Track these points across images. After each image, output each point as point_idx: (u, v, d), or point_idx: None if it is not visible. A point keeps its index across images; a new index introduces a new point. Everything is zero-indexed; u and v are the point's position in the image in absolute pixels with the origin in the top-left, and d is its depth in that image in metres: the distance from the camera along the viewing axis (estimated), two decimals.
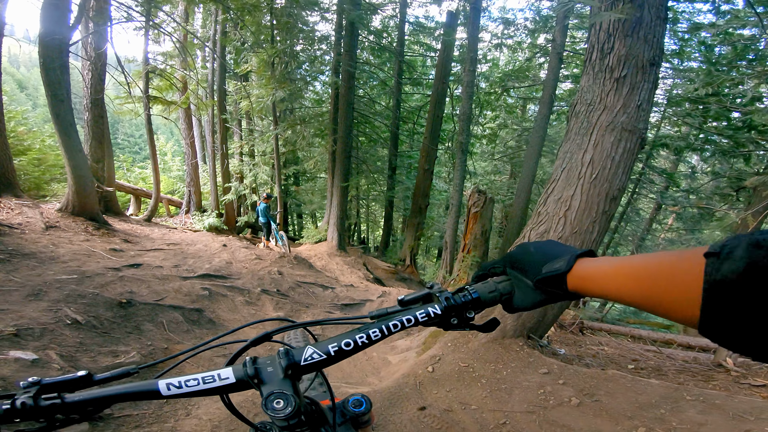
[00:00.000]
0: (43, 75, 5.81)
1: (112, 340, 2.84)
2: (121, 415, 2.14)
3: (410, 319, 0.62)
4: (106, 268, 4.49)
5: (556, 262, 0.56)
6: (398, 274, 12.32)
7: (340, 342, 0.60)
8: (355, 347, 0.60)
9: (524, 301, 0.61)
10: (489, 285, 0.65)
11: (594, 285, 0.50)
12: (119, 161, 16.06)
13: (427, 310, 0.62)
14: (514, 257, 0.64)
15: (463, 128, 9.20)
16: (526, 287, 0.60)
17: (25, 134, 8.88)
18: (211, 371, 0.58)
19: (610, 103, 2.51)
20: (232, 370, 0.59)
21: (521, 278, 0.62)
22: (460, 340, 3.11)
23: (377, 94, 15.31)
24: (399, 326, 0.62)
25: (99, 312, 3.06)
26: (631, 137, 2.51)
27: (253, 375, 0.58)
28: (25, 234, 5.05)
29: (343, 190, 10.88)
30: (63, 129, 6.01)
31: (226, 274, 5.59)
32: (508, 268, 0.65)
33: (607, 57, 2.50)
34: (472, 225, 7.77)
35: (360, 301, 6.65)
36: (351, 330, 0.63)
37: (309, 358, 0.60)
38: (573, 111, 2.72)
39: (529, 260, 0.61)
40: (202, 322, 3.69)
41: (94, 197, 6.74)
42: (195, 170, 12.83)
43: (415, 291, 0.70)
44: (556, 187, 2.71)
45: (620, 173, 2.52)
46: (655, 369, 4.18)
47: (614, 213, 2.75)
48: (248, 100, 11.47)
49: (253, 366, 0.59)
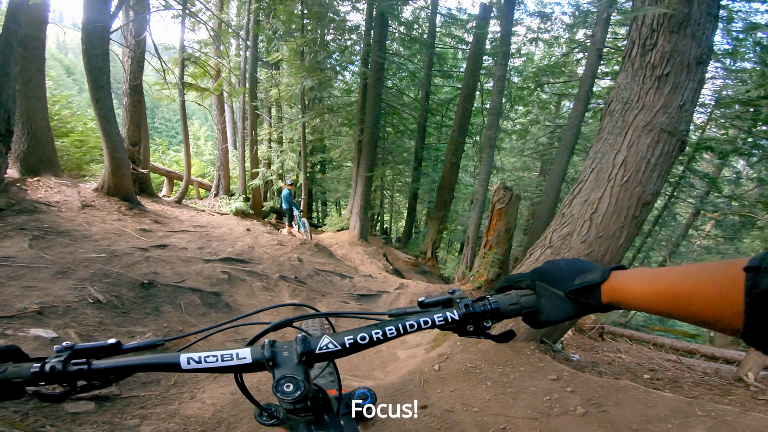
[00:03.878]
0: (85, 61, 5.99)
1: (130, 321, 2.90)
2: (128, 396, 2.17)
3: (427, 321, 0.62)
4: (135, 248, 4.62)
5: (589, 273, 0.57)
6: (419, 266, 12.22)
7: (356, 335, 0.61)
8: (370, 342, 0.61)
9: (555, 314, 0.60)
10: (511, 297, 0.64)
11: (630, 296, 0.50)
12: (155, 144, 16.61)
13: (446, 314, 0.63)
14: (544, 271, 0.64)
15: (492, 122, 8.89)
16: (557, 299, 0.60)
17: (69, 117, 9.26)
18: (230, 350, 0.60)
19: (649, 102, 2.29)
20: (251, 350, 0.60)
21: (552, 290, 0.61)
22: (471, 340, 3.00)
23: (406, 85, 15.09)
24: (415, 327, 0.62)
25: (122, 292, 3.14)
26: (670, 139, 2.29)
27: (269, 357, 0.59)
28: (62, 212, 5.28)
29: (367, 180, 10.84)
30: (102, 113, 6.21)
31: (247, 259, 5.66)
32: (537, 281, 0.64)
33: (648, 53, 2.29)
34: (495, 221, 7.53)
35: (376, 292, 6.61)
36: (368, 325, 0.64)
37: (324, 347, 0.61)
38: (607, 109, 2.51)
39: (559, 273, 0.61)
40: (219, 306, 3.74)
41: (128, 178, 6.97)
42: (225, 155, 13.08)
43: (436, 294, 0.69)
44: (583, 188, 2.52)
45: (655, 177, 2.31)
46: (672, 380, 3.95)
47: (645, 219, 2.55)
48: (278, 89, 11.54)
49: (270, 349, 0.60)
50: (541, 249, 2.77)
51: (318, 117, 12.60)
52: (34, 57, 6.18)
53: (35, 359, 0.55)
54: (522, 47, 12.99)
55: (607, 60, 10.73)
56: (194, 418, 2.11)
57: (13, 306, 2.47)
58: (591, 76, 8.46)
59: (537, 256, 2.80)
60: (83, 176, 8.52)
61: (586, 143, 11.80)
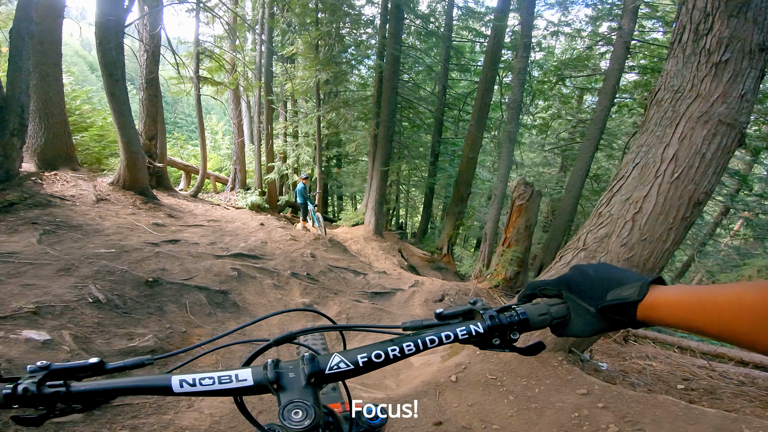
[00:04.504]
0: (99, 55, 5.95)
1: (131, 321, 2.75)
2: (120, 404, 2.00)
3: (449, 335, 0.57)
4: (145, 243, 4.51)
5: (624, 288, 0.52)
6: (434, 262, 12.00)
7: (371, 353, 0.56)
8: (386, 360, 0.56)
9: (583, 329, 0.56)
10: (540, 307, 0.60)
11: (668, 313, 0.47)
12: (174, 139, 16.75)
13: (469, 327, 0.58)
14: (572, 280, 0.59)
15: (512, 116, 8.55)
16: (586, 313, 0.56)
17: (89, 112, 9.33)
18: (228, 370, 0.54)
19: (705, 91, 1.98)
20: (251, 372, 0.55)
21: (581, 304, 0.56)
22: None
23: (423, 79, 14.78)
24: (436, 342, 0.57)
25: (125, 290, 3.00)
26: (729, 132, 1.97)
27: (273, 380, 0.53)
28: (76, 206, 5.22)
29: (382, 174, 10.63)
30: (117, 107, 6.19)
31: (259, 254, 5.51)
32: (564, 292, 0.59)
33: (703, 38, 1.98)
34: (515, 218, 7.21)
35: (391, 290, 6.39)
36: (384, 341, 0.58)
37: (335, 366, 0.55)
38: (654, 98, 2.20)
39: (589, 285, 0.56)
40: (226, 305, 3.57)
41: (144, 172, 6.91)
42: (241, 149, 13.05)
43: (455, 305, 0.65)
44: (624, 186, 2.22)
45: (710, 174, 1.99)
46: (708, 391, 3.61)
47: (695, 221, 2.23)
48: (292, 82, 11.43)
49: (274, 370, 0.54)
50: (573, 252, 2.48)
51: (333, 111, 12.46)
52: (50, 52, 6.15)
53: (7, 379, 0.50)
54: (542, 40, 12.61)
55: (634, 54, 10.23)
56: (189, 429, 1.93)
57: (9, 305, 2.34)
58: (618, 69, 8.07)
59: (568, 259, 2.51)
60: (102, 170, 8.55)
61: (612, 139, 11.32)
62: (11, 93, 4.70)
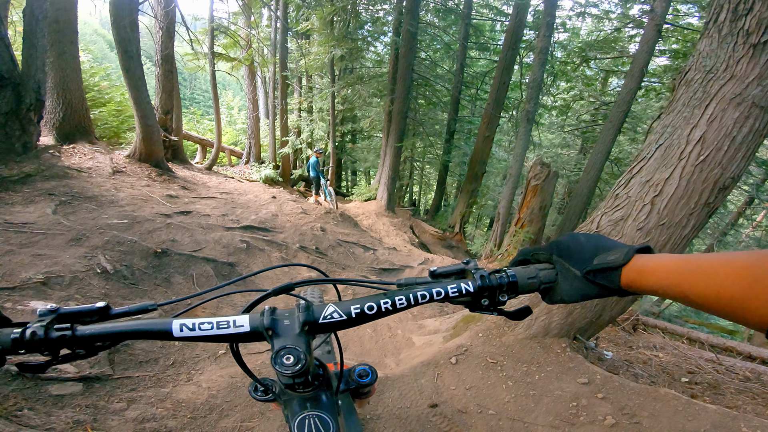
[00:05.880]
0: (114, 32, 5.93)
1: (137, 293, 2.76)
2: (120, 377, 2.01)
3: (440, 292, 0.56)
4: (158, 214, 4.53)
5: (610, 253, 0.51)
6: (445, 240, 11.90)
7: (363, 305, 0.55)
8: (378, 312, 0.56)
9: (570, 294, 0.55)
10: (530, 270, 0.58)
11: (654, 279, 0.45)
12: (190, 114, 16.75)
13: (459, 285, 0.56)
14: (562, 245, 0.57)
15: (531, 96, 8.22)
16: (574, 278, 0.54)
17: (107, 88, 9.36)
18: (226, 317, 0.54)
19: (741, 72, 1.78)
20: (249, 318, 0.54)
21: (569, 268, 0.55)
22: (494, 332, 2.65)
23: (440, 57, 14.29)
24: (427, 298, 0.56)
25: (133, 261, 3.00)
26: (762, 115, 1.77)
27: (269, 326, 0.54)
28: (92, 178, 5.25)
29: (396, 151, 10.44)
30: (132, 82, 6.20)
31: (269, 227, 5.50)
32: (554, 256, 0.57)
33: (742, 19, 1.77)
34: (530, 198, 6.99)
35: (399, 266, 6.34)
36: (376, 294, 0.58)
37: (329, 316, 0.55)
38: (684, 78, 1.99)
39: (578, 249, 0.55)
40: (232, 277, 3.57)
41: (159, 145, 6.91)
42: (256, 123, 12.96)
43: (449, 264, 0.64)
44: (645, 167, 2.03)
45: (739, 158, 1.79)
46: (712, 386, 3.48)
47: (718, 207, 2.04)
48: (306, 58, 11.20)
49: (270, 317, 0.55)
50: None
51: (348, 87, 12.20)
52: (66, 30, 6.11)
53: (17, 324, 0.49)
54: (567, 21, 11.96)
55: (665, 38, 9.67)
56: (186, 402, 1.93)
57: (18, 276, 2.35)
58: (647, 52, 7.61)
59: None
60: (120, 144, 8.60)
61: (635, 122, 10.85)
62: (27, 70, 4.78)
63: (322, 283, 0.65)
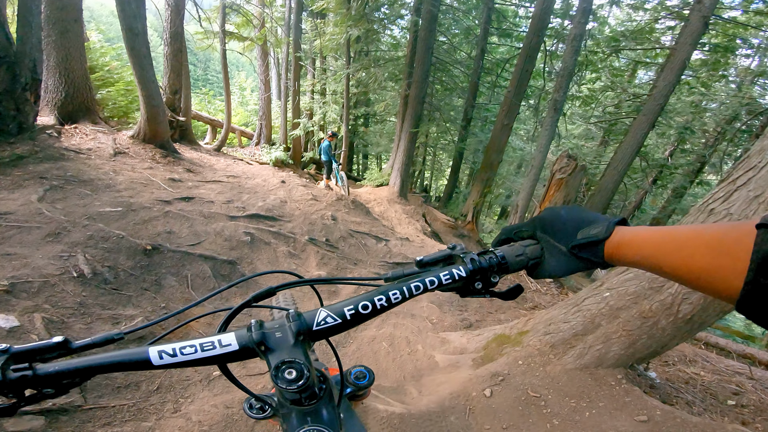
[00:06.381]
0: (118, 9, 5.53)
1: (120, 300, 2.36)
2: (93, 407, 1.62)
3: (433, 281, 0.53)
4: (156, 200, 4.14)
5: (592, 227, 0.50)
6: (457, 229, 11.43)
7: (357, 304, 0.50)
8: (374, 311, 0.51)
9: (557, 269, 0.53)
10: (516, 248, 0.56)
11: (631, 252, 0.44)
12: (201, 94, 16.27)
13: (452, 271, 0.53)
14: (545, 220, 0.56)
15: (561, 85, 7.56)
16: (559, 253, 0.53)
17: (118, 68, 8.95)
18: (209, 337, 0.47)
19: None
20: (235, 335, 0.48)
21: (554, 243, 0.54)
22: (536, 360, 2.21)
23: (459, 42, 13.46)
24: (421, 288, 0.52)
25: (118, 260, 2.60)
26: None
27: (259, 341, 0.47)
28: (91, 159, 4.87)
29: (411, 136, 9.87)
30: (137, 61, 5.80)
31: (276, 215, 5.08)
32: (538, 232, 0.56)
33: None
34: (553, 192, 6.42)
35: (413, 260, 5.91)
36: (369, 291, 0.53)
37: (322, 322, 0.49)
38: None
39: (560, 225, 0.54)
40: (233, 277, 3.16)
41: (165, 126, 6.50)
42: (267, 104, 12.46)
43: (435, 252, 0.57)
44: (754, 179, 1.52)
45: None
46: (760, 409, 3.01)
47: None
48: (321, 39, 10.58)
49: (260, 331, 0.48)
50: None
51: (363, 70, 11.60)
52: (69, 8, 5.71)
53: None
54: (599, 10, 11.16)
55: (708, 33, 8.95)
56: None
57: None
58: (691, 44, 6.97)
59: None
60: (129, 124, 8.23)
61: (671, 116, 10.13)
62: (22, 48, 4.45)
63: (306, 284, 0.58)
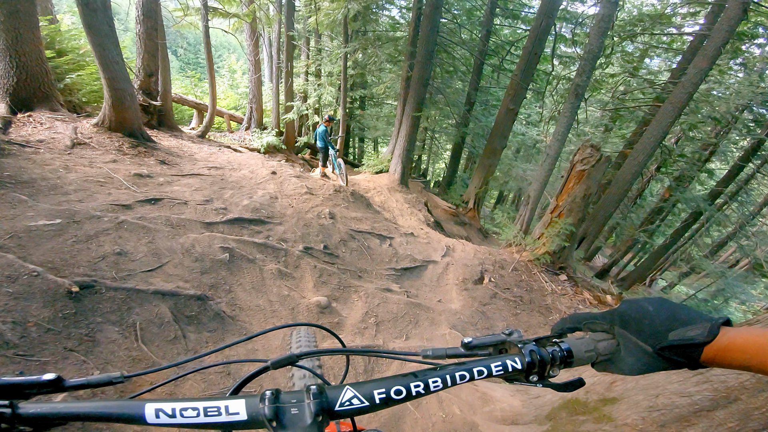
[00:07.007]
0: None
1: (29, 370, 1.56)
2: None
3: (482, 371, 0.46)
4: (111, 205, 3.29)
5: (689, 328, 0.44)
6: (458, 217, 10.72)
7: (390, 388, 0.44)
8: (407, 396, 0.44)
9: (633, 368, 0.47)
10: (587, 342, 0.50)
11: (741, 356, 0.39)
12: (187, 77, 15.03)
13: (505, 362, 0.47)
14: (628, 316, 0.49)
15: (584, 69, 6.74)
16: (641, 352, 0.47)
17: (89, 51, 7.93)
18: (215, 400, 0.41)
19: None
20: (245, 403, 0.41)
21: (636, 342, 0.47)
22: None
23: (463, 21, 12.35)
24: (467, 378, 0.46)
25: (29, 311, 1.78)
26: None
27: (271, 417, 0.40)
28: (39, 154, 3.96)
29: (414, 120, 8.96)
30: (97, 40, 4.86)
31: (265, 217, 4.26)
32: (617, 328, 0.50)
33: None
34: (572, 184, 5.66)
35: (422, 262, 5.16)
36: (405, 374, 0.45)
37: (347, 402, 0.42)
38: None
39: (648, 322, 0.47)
40: (203, 319, 2.34)
41: (133, 112, 5.53)
42: (258, 86, 11.38)
43: (485, 335, 0.51)
44: None
45: None
46: None
47: None
48: (317, 15, 9.45)
49: (273, 405, 0.41)
50: None
51: (362, 50, 10.53)
52: None
53: None
54: None
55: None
56: None
57: None
58: (728, 31, 6.18)
59: None
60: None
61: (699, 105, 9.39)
62: None
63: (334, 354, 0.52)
